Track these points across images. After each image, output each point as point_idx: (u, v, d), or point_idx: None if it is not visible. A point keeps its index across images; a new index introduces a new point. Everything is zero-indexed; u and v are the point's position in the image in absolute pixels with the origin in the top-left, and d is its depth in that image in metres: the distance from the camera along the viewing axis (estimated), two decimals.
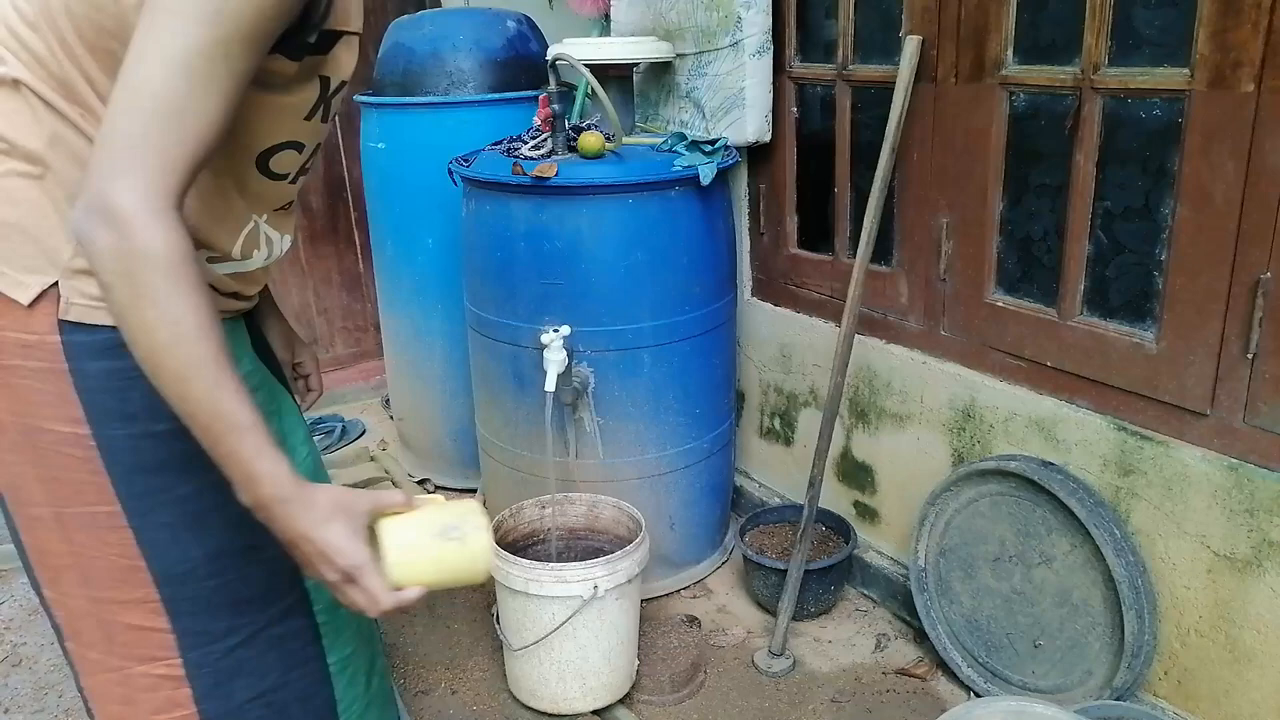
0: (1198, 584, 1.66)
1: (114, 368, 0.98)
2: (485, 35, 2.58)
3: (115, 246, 0.84)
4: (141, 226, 0.83)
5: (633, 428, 2.19)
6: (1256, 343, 1.52)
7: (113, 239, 0.83)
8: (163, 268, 0.85)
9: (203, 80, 0.85)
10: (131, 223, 0.83)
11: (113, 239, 0.83)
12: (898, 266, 2.13)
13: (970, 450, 2.03)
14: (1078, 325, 1.80)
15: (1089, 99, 1.69)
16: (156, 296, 0.85)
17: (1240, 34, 1.45)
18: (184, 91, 0.84)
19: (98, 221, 0.84)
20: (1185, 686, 1.72)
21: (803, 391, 2.45)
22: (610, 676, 1.94)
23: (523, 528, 2.12)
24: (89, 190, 0.84)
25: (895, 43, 2.00)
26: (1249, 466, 1.56)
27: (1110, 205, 1.73)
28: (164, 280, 0.85)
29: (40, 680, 2.13)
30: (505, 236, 2.13)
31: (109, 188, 0.83)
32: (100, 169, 0.84)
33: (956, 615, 2.00)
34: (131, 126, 0.84)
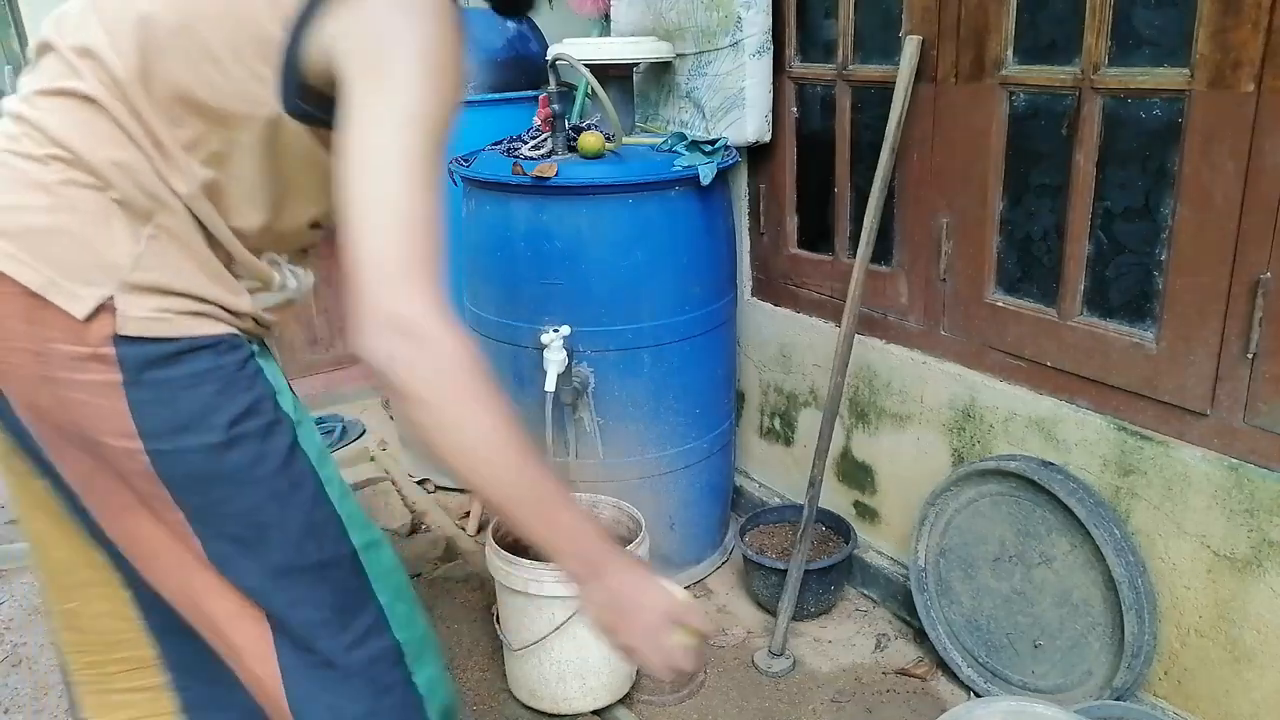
0: (1198, 584, 1.66)
1: (164, 378, 0.96)
2: (485, 35, 2.58)
3: (422, 359, 0.86)
4: (442, 334, 0.86)
5: (633, 428, 2.19)
6: (1256, 343, 1.52)
7: (418, 353, 0.86)
8: (469, 368, 0.88)
9: (433, 184, 0.90)
10: (431, 333, 0.86)
11: (418, 353, 0.86)
12: (898, 266, 2.13)
13: (970, 450, 2.03)
14: (1078, 325, 1.80)
15: (1089, 99, 1.69)
16: (470, 396, 0.88)
17: (1240, 34, 1.45)
18: (424, 199, 0.88)
19: (398, 340, 0.85)
20: (1185, 686, 1.72)
21: (803, 391, 2.45)
22: (610, 676, 1.94)
23: None
24: (374, 312, 0.86)
25: (895, 43, 2.00)
26: (1249, 466, 1.56)
27: (1110, 205, 1.73)
28: (473, 379, 0.88)
29: (40, 680, 2.12)
30: (505, 236, 2.13)
31: (398, 306, 0.85)
32: (379, 289, 0.86)
33: (956, 615, 2.00)
34: (395, 243, 0.86)
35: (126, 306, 0.94)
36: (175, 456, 0.98)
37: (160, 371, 0.96)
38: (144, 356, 0.95)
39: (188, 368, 0.97)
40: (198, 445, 0.98)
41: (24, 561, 2.59)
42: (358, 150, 0.88)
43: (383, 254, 0.86)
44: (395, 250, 0.86)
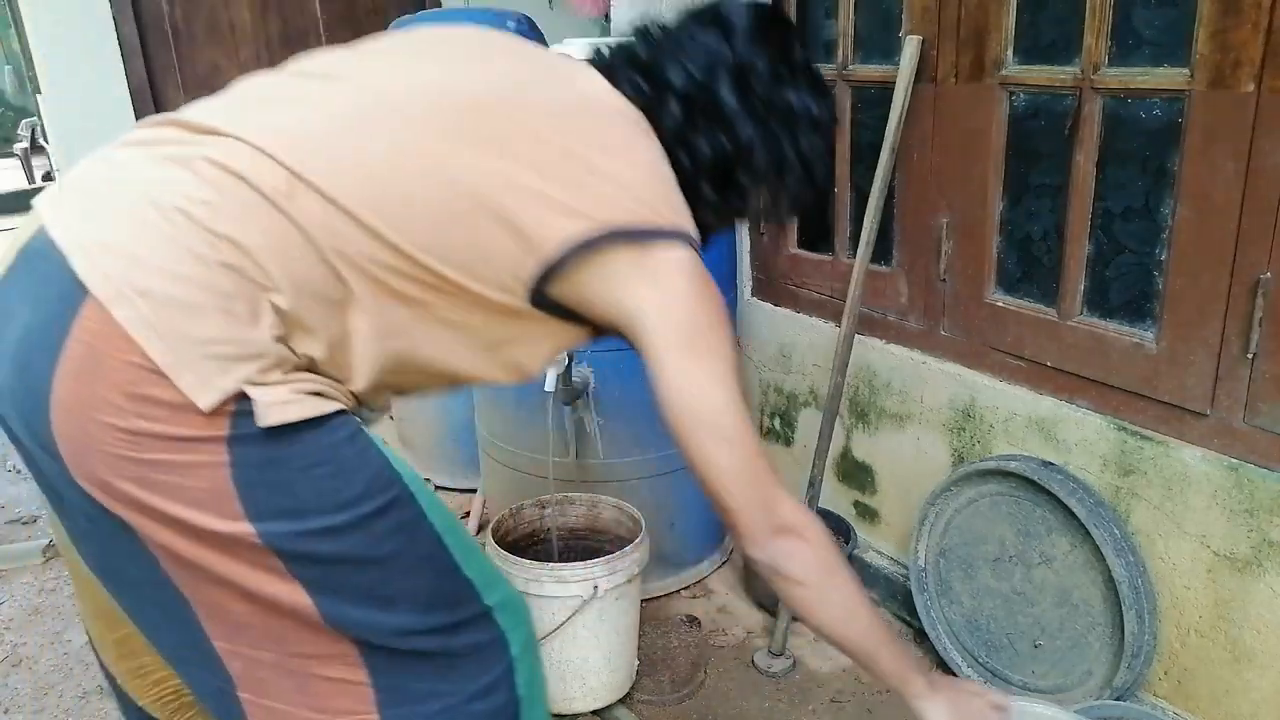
0: (1198, 584, 1.66)
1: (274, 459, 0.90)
2: None
3: (802, 553, 1.06)
4: (815, 530, 1.08)
5: (633, 428, 2.19)
6: (1256, 343, 1.52)
7: (804, 546, 1.06)
8: (832, 550, 1.09)
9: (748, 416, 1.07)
10: (807, 528, 1.07)
11: (804, 546, 1.06)
12: (898, 266, 2.13)
13: (970, 450, 2.02)
14: (1078, 325, 1.80)
15: (1089, 99, 1.69)
16: (841, 576, 1.09)
17: (1240, 34, 1.45)
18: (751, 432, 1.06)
19: (791, 543, 1.06)
20: (1185, 686, 1.72)
21: (803, 391, 2.45)
22: (610, 676, 1.94)
23: (523, 528, 2.12)
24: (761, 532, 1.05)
25: (895, 43, 2.00)
26: (1249, 466, 1.56)
27: (1110, 205, 1.73)
28: (836, 559, 1.09)
29: (40, 680, 2.13)
30: None
31: (775, 521, 1.05)
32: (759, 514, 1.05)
33: (956, 615, 2.00)
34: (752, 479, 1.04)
35: (261, 395, 0.89)
36: (290, 538, 0.92)
37: (270, 452, 0.90)
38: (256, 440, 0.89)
39: (300, 448, 0.91)
40: (315, 529, 0.92)
41: (24, 561, 2.59)
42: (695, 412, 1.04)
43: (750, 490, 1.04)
44: (756, 483, 1.05)
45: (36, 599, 2.43)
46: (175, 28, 3.27)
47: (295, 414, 0.90)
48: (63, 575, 2.51)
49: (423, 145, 0.97)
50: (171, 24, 3.28)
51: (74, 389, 0.86)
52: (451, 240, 0.96)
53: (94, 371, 0.86)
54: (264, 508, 0.90)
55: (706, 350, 1.03)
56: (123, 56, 3.22)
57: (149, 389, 0.86)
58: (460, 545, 1.05)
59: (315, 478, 0.92)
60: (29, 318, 0.90)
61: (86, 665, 2.15)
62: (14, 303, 0.93)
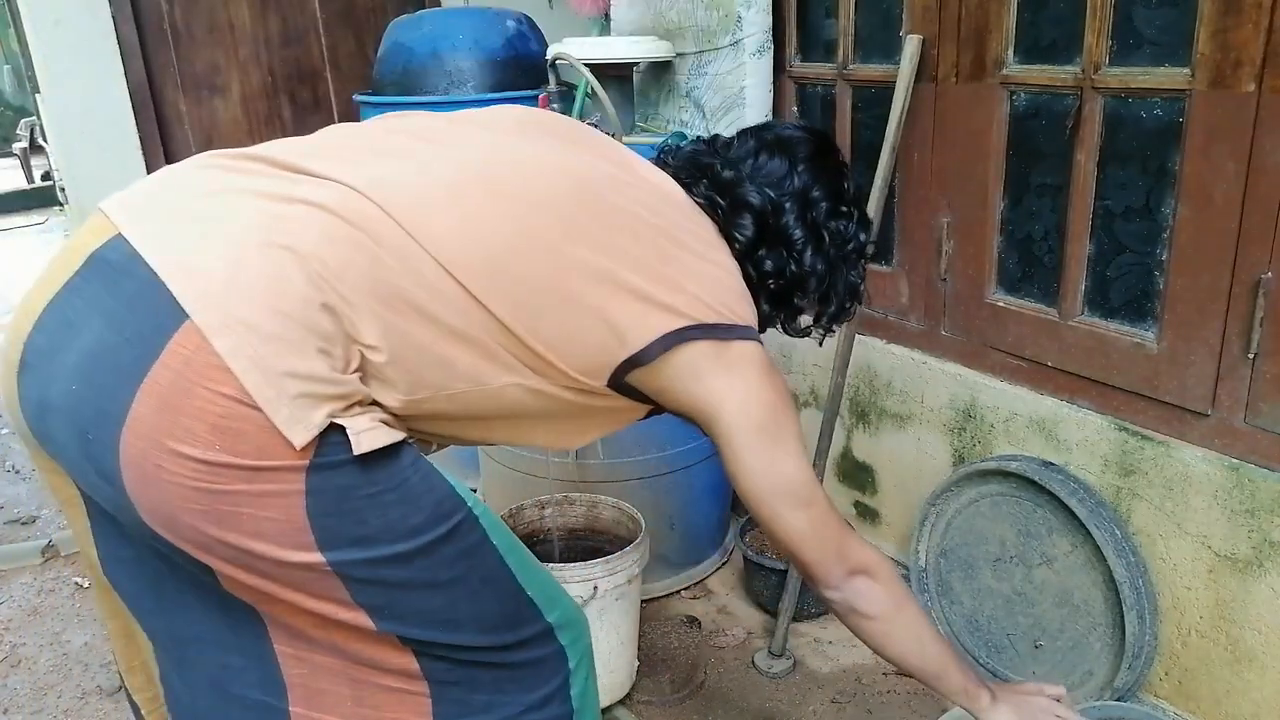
0: (1198, 584, 1.66)
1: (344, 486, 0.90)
2: (485, 35, 2.58)
3: (879, 588, 1.15)
4: (885, 568, 1.17)
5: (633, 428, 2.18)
6: (1257, 343, 1.52)
7: (876, 584, 1.15)
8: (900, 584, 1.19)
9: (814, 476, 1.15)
10: (877, 568, 1.16)
11: (876, 584, 1.15)
12: (898, 266, 2.13)
13: (971, 450, 2.02)
14: (1078, 325, 1.80)
15: (1090, 98, 1.69)
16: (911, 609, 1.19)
17: (1241, 34, 1.45)
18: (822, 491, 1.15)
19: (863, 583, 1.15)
20: (1186, 687, 1.72)
21: (803, 391, 2.45)
22: (610, 677, 1.94)
23: (523, 528, 2.11)
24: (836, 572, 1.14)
25: (896, 42, 2.00)
26: (1250, 467, 1.56)
27: (1111, 205, 1.73)
28: (904, 593, 1.20)
29: (40, 680, 2.12)
30: None
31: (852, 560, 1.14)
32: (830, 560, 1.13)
33: (957, 616, 2.00)
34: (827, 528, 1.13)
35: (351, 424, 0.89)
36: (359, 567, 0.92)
37: (342, 480, 0.90)
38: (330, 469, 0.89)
39: (368, 475, 0.91)
40: (384, 557, 0.93)
41: (23, 562, 2.59)
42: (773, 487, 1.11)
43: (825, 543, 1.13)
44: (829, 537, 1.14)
45: (35, 599, 2.43)
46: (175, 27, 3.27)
47: (381, 440, 0.91)
48: (62, 575, 2.51)
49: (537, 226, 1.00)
50: (171, 24, 3.28)
51: (156, 416, 0.84)
52: (549, 321, 1.00)
53: (181, 400, 0.84)
54: (335, 536, 0.90)
55: (778, 431, 1.10)
56: (122, 56, 3.21)
57: (239, 423, 0.85)
58: (522, 565, 1.07)
59: (384, 505, 0.92)
60: (105, 333, 0.88)
61: (85, 666, 2.15)
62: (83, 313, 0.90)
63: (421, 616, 0.98)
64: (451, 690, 1.03)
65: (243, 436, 0.85)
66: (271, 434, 0.85)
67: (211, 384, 0.84)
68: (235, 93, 3.21)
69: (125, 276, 0.89)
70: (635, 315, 1.02)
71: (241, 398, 0.84)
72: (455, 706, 1.04)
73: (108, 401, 0.85)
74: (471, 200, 1.00)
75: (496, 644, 1.04)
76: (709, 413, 1.09)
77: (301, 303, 0.88)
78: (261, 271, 0.88)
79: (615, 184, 1.10)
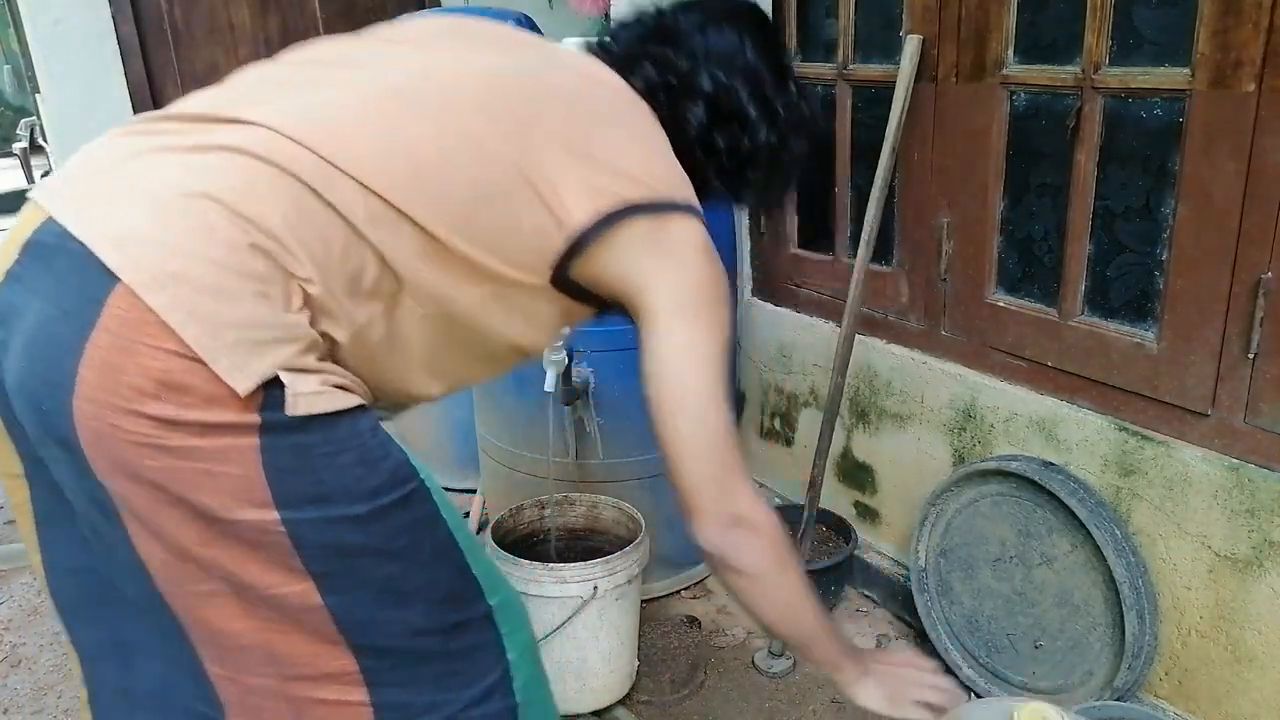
0: (1198, 584, 1.66)
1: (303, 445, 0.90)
2: None
3: (753, 545, 1.06)
4: (769, 520, 1.07)
5: (633, 428, 2.19)
6: (1257, 343, 1.52)
7: (758, 540, 1.06)
8: (784, 544, 1.09)
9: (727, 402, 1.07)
10: (763, 521, 1.06)
11: (758, 540, 1.06)
12: (898, 266, 2.13)
13: (971, 450, 2.02)
14: (1079, 325, 1.80)
15: (1090, 98, 1.69)
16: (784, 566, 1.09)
17: (1241, 34, 1.45)
18: (728, 418, 1.06)
19: (735, 533, 1.05)
20: (1186, 687, 1.72)
21: (803, 391, 2.45)
22: (610, 677, 1.94)
23: (523, 528, 2.12)
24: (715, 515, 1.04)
25: (896, 42, 2.00)
26: (1250, 467, 1.56)
27: (1111, 205, 1.73)
28: (786, 552, 1.09)
29: (40, 681, 2.12)
30: None
31: (731, 507, 1.05)
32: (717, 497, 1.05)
33: (957, 616, 2.00)
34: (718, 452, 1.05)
35: (294, 383, 0.88)
36: (314, 527, 0.92)
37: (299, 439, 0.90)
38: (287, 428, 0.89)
39: (326, 434, 0.91)
40: (339, 517, 0.92)
41: (23, 562, 2.59)
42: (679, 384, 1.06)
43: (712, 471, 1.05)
44: (721, 466, 1.05)
45: (35, 599, 2.43)
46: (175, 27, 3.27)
47: (324, 406, 0.90)
48: None
49: (461, 126, 0.99)
50: (171, 23, 3.27)
51: (101, 379, 0.85)
52: (484, 221, 0.98)
53: (123, 360, 0.84)
54: (291, 495, 0.90)
55: (706, 325, 1.05)
56: (122, 56, 3.21)
57: (183, 376, 0.85)
58: (468, 543, 1.06)
59: (341, 465, 0.92)
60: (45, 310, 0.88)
61: None
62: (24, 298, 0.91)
63: (371, 588, 0.97)
64: (392, 693, 1.01)
65: (190, 390, 0.85)
66: (218, 385, 0.85)
67: (151, 340, 0.84)
68: None
69: (58, 254, 0.90)
70: (570, 198, 1.01)
71: (183, 351, 0.84)
72: (396, 713, 1.02)
73: (55, 373, 0.86)
74: (390, 116, 0.99)
75: (440, 625, 1.03)
76: (640, 292, 1.05)
77: (230, 248, 0.88)
78: (187, 224, 0.88)
79: (542, 76, 1.08)
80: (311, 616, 0.95)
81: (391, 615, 0.99)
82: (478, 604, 1.06)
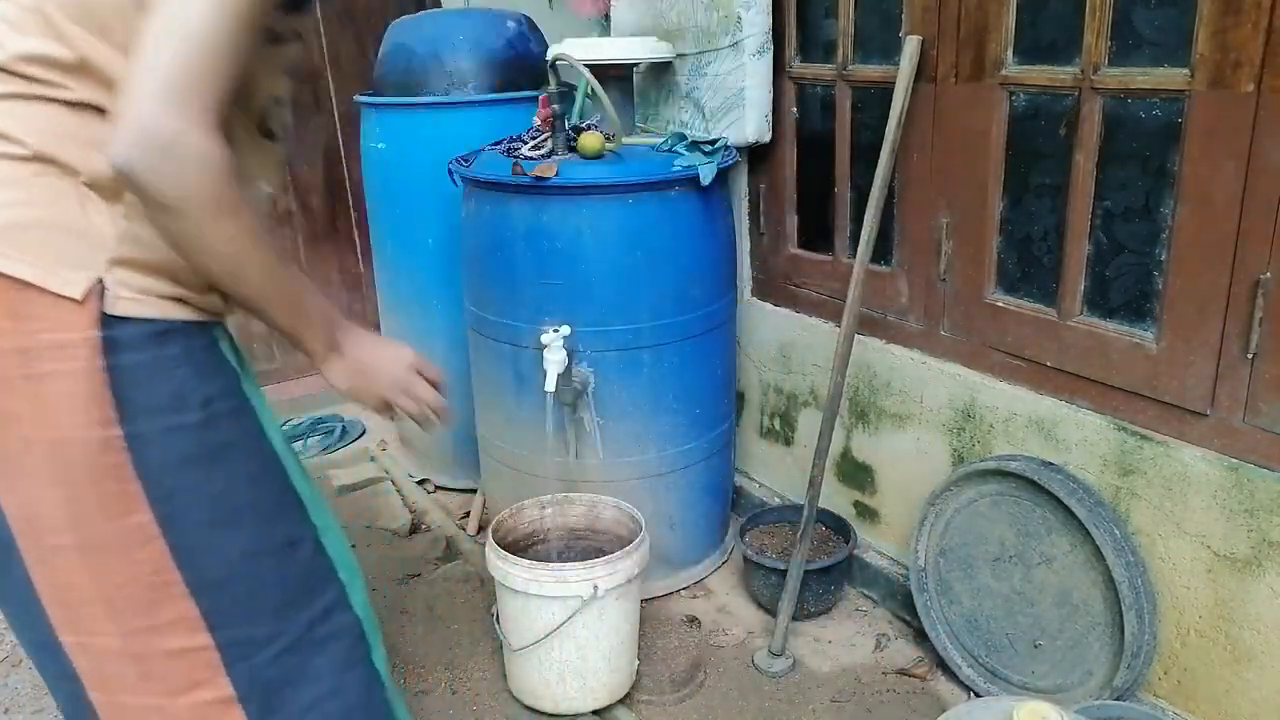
0: (1198, 584, 1.66)
1: (145, 360, 0.98)
2: (485, 35, 2.58)
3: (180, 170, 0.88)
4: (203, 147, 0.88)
5: (633, 428, 2.19)
6: (1256, 343, 1.52)
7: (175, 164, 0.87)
8: (228, 179, 0.91)
9: (238, 18, 0.89)
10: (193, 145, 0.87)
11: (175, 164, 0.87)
12: (898, 266, 2.13)
13: (970, 450, 2.02)
14: (1078, 325, 1.80)
15: (1089, 99, 1.69)
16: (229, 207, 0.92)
17: (1240, 34, 1.45)
18: (224, 27, 0.88)
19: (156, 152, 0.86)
20: (1185, 686, 1.72)
21: (803, 391, 2.45)
22: (610, 676, 1.94)
23: (523, 528, 2.12)
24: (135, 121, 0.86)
25: (895, 43, 2.00)
26: (1249, 466, 1.56)
27: (1110, 205, 1.73)
28: (231, 190, 0.92)
29: (40, 680, 2.12)
30: (505, 237, 2.13)
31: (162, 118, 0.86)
32: (147, 99, 0.86)
33: (956, 615, 2.00)
34: (177, 58, 0.87)
35: (116, 287, 0.96)
36: (153, 439, 0.98)
37: (140, 354, 0.97)
38: (126, 339, 0.96)
39: (164, 350, 0.99)
40: (176, 425, 0.99)
41: None
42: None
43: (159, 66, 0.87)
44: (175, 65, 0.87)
45: None
46: None
47: (147, 311, 0.97)
48: None
49: None
50: None
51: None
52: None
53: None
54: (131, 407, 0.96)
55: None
56: None
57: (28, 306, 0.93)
58: (293, 464, 1.11)
59: (178, 376, 0.99)
60: None
61: None
62: None
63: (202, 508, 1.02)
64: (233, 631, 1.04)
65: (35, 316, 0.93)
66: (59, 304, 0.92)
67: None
68: None
69: None
70: None
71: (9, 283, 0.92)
72: (241, 649, 1.05)
73: None
74: None
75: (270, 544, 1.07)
76: None
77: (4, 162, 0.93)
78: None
79: None
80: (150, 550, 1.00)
81: (224, 537, 1.03)
82: (305, 524, 1.11)
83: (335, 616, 1.12)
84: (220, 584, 1.04)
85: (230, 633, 1.04)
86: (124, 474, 0.98)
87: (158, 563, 1.00)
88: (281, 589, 1.08)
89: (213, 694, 1.04)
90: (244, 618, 1.06)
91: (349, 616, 1.14)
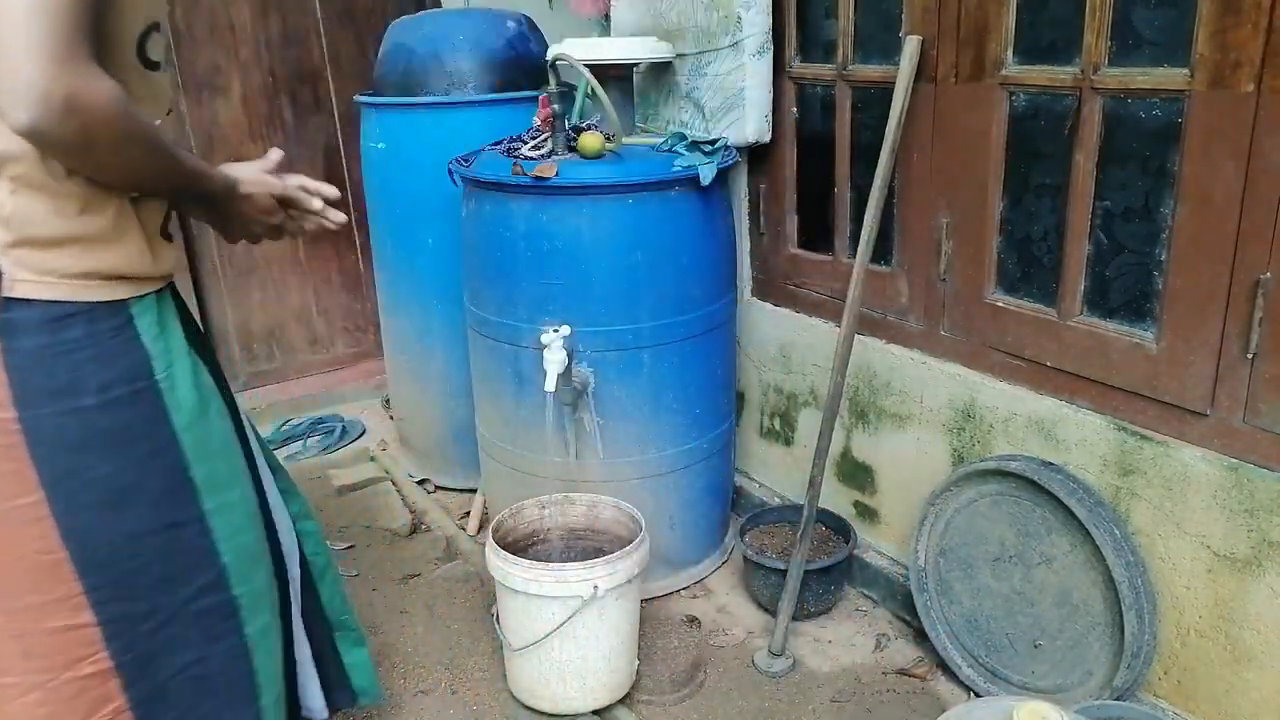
0: (1198, 584, 1.66)
1: (42, 344, 1.00)
2: (485, 35, 2.58)
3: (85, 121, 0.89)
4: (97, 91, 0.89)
5: (633, 428, 2.19)
6: (1256, 343, 1.52)
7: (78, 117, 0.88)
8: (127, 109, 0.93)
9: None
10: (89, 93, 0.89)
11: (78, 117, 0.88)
12: (898, 266, 2.13)
13: (970, 450, 2.02)
14: (1078, 325, 1.80)
15: (1089, 99, 1.69)
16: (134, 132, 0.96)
17: (1240, 34, 1.45)
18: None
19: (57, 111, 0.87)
20: (1185, 686, 1.72)
21: (803, 391, 2.45)
22: (610, 676, 1.94)
23: (523, 528, 2.12)
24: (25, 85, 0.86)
25: (895, 43, 2.00)
26: (1249, 466, 1.56)
27: (1110, 205, 1.73)
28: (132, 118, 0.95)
29: None
30: (505, 237, 2.13)
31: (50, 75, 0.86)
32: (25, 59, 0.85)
33: (956, 615, 2.00)
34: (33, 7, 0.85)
35: (14, 269, 0.97)
36: (46, 422, 1.01)
37: (37, 338, 0.99)
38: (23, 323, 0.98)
39: (64, 334, 1.01)
40: (71, 409, 1.02)
41: None
42: None
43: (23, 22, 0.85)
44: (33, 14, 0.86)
45: None
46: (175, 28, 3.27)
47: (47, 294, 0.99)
48: None
49: None
50: (171, 24, 3.28)
51: None
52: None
53: None
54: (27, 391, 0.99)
55: None
56: None
57: None
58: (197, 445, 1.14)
59: (75, 361, 1.01)
60: None
61: None
62: None
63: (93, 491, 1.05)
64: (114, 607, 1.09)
65: None
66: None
67: None
68: (236, 93, 3.21)
69: None
70: None
71: None
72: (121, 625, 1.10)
73: None
74: None
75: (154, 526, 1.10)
76: None
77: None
78: None
79: None
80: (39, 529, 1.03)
81: (111, 519, 1.07)
82: (191, 507, 1.14)
83: (210, 595, 1.19)
84: (105, 563, 1.08)
85: (111, 609, 1.09)
86: (18, 454, 1.01)
87: (46, 541, 1.04)
88: (164, 566, 1.13)
89: (93, 668, 1.10)
90: (126, 595, 1.10)
91: (224, 595, 1.20)
